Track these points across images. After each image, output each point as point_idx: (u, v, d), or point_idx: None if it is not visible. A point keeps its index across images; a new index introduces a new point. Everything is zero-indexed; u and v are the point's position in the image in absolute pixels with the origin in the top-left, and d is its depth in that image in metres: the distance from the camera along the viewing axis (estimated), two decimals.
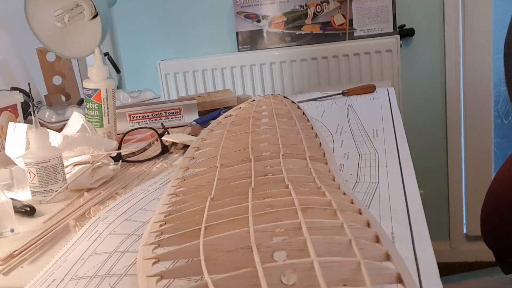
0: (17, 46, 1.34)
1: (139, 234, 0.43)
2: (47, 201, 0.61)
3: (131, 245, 0.41)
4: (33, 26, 0.99)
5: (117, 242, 0.42)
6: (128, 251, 0.40)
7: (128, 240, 0.42)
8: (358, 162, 0.62)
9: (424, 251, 0.35)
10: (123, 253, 0.40)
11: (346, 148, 0.67)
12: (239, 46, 1.75)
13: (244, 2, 1.71)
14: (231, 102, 1.14)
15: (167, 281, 0.35)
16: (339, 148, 0.67)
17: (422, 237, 0.38)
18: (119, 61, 1.90)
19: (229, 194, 0.42)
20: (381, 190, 0.51)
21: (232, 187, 0.44)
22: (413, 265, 0.34)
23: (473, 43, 1.63)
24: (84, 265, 0.39)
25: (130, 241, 0.42)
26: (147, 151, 0.80)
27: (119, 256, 0.39)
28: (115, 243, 0.42)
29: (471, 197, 1.77)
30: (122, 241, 0.42)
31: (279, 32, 1.72)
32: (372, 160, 0.62)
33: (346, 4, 1.65)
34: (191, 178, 0.52)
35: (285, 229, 0.33)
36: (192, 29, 1.83)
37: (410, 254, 0.36)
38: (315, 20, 1.69)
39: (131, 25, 1.86)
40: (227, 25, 1.80)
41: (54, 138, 0.69)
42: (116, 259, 0.39)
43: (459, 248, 1.81)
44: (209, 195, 0.42)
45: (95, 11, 0.98)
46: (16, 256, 0.46)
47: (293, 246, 0.30)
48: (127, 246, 0.41)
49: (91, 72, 0.83)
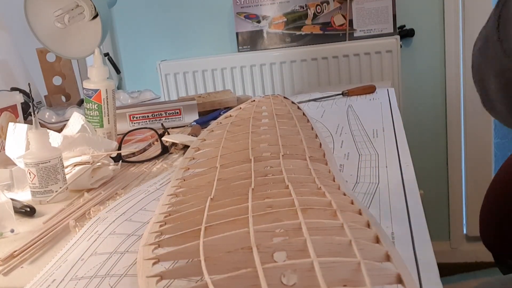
0: (17, 46, 1.34)
1: (139, 234, 0.43)
2: (47, 202, 0.61)
3: (131, 246, 0.41)
4: (33, 26, 0.99)
5: (117, 242, 0.42)
6: (128, 251, 0.40)
7: (128, 240, 0.42)
8: (358, 163, 0.62)
9: (424, 251, 0.35)
10: (123, 253, 0.40)
11: (346, 149, 0.67)
12: (239, 46, 1.75)
13: (244, 3, 1.71)
14: (231, 103, 1.14)
15: (167, 282, 0.35)
16: (339, 148, 0.67)
17: (422, 238, 0.38)
18: (119, 62, 1.90)
19: (229, 194, 0.42)
20: (381, 191, 0.51)
21: (232, 188, 0.44)
22: (413, 265, 0.34)
23: (473, 43, 1.63)
24: (84, 266, 0.39)
25: (130, 242, 0.42)
26: (147, 152, 0.80)
27: (119, 257, 0.39)
28: (115, 243, 0.42)
29: (471, 197, 1.77)
30: (122, 241, 0.42)
31: (279, 32, 1.72)
32: (372, 161, 0.62)
33: (346, 4, 1.65)
34: (191, 178, 0.52)
35: (285, 230, 0.33)
36: (192, 29, 1.83)
37: (410, 254, 0.36)
38: (315, 21, 1.69)
39: (131, 25, 1.86)
40: (227, 26, 1.80)
41: (54, 138, 0.69)
42: (116, 259, 0.39)
43: (459, 248, 1.81)
44: (209, 196, 0.42)
45: (95, 11, 0.98)
46: (16, 256, 0.46)
47: (293, 246, 0.30)
48: (127, 247, 0.41)
49: (91, 72, 0.83)
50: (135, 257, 0.39)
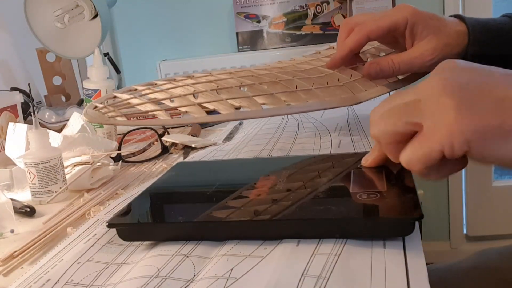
0: (17, 46, 1.34)
1: (136, 244, 0.43)
2: (47, 202, 0.61)
3: (129, 257, 0.41)
4: (33, 26, 0.99)
5: (114, 253, 0.42)
6: (125, 263, 0.40)
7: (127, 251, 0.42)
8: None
9: (415, 256, 0.35)
10: (120, 265, 0.39)
11: (344, 148, 0.67)
12: (239, 46, 1.75)
13: (244, 3, 1.71)
14: None
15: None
16: (336, 148, 0.67)
17: (413, 241, 0.37)
18: (119, 62, 1.90)
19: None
20: None
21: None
22: (403, 269, 0.33)
23: None
24: (80, 271, 0.39)
25: (128, 252, 0.42)
26: (147, 152, 0.80)
27: (116, 268, 0.39)
28: (112, 253, 0.42)
29: (471, 197, 1.77)
30: (120, 252, 0.42)
31: (279, 32, 1.72)
32: None
33: (346, 4, 1.65)
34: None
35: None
36: (192, 29, 1.83)
37: (401, 258, 0.35)
38: (315, 21, 1.69)
39: (131, 25, 1.86)
40: (227, 26, 1.80)
41: (54, 138, 0.69)
42: (113, 271, 0.39)
43: (459, 248, 1.81)
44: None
45: (95, 11, 0.98)
46: (16, 256, 0.46)
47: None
48: (124, 259, 0.41)
49: (91, 72, 0.83)
50: (131, 268, 0.38)
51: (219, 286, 0.33)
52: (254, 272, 0.34)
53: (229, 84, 0.60)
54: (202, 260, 0.37)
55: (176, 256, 0.38)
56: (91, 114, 0.57)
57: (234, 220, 0.40)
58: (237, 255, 0.37)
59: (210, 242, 0.40)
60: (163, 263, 0.37)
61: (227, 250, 0.38)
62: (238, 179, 0.53)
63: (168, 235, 0.41)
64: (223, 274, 0.34)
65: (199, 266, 0.37)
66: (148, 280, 0.35)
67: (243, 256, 0.36)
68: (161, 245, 0.41)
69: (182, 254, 0.38)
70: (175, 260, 0.38)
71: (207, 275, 0.35)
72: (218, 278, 0.34)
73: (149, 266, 0.37)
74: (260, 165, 0.60)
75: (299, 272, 0.33)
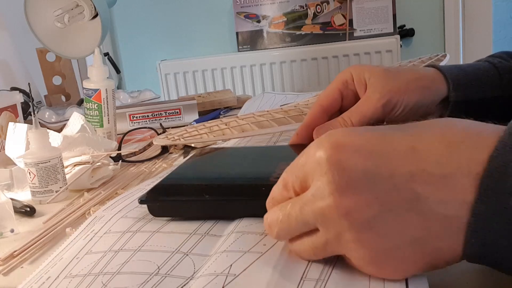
0: (17, 46, 1.35)
1: (134, 230, 0.43)
2: (47, 202, 0.61)
3: (125, 244, 0.41)
4: (33, 26, 0.99)
5: (112, 241, 0.42)
6: (122, 249, 0.40)
7: (123, 238, 0.42)
8: None
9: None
10: (117, 252, 0.40)
11: None
12: (239, 46, 1.75)
13: (244, 2, 1.71)
14: (231, 102, 1.14)
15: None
16: None
17: None
18: (119, 61, 1.90)
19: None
20: None
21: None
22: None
23: (473, 43, 1.63)
24: (79, 264, 0.39)
25: (124, 239, 0.42)
26: (147, 151, 0.80)
27: (113, 255, 0.39)
28: (110, 242, 0.42)
29: None
30: (117, 239, 0.42)
31: (279, 32, 1.72)
32: None
33: (346, 4, 1.65)
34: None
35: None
36: (192, 29, 1.83)
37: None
38: (315, 20, 1.69)
39: (131, 25, 1.86)
40: (227, 25, 1.80)
41: (54, 138, 0.69)
42: (110, 257, 0.39)
43: None
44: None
45: (95, 11, 0.98)
46: (16, 256, 0.46)
47: None
48: (121, 245, 0.41)
49: (91, 72, 0.83)
50: (129, 255, 0.39)
51: (218, 283, 0.33)
52: (253, 268, 0.34)
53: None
54: (202, 257, 0.38)
55: (176, 253, 0.38)
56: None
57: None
58: (236, 251, 0.37)
59: (211, 238, 0.40)
60: (163, 261, 0.37)
61: (227, 247, 0.38)
62: (261, 166, 0.53)
63: (197, 212, 0.44)
64: (222, 271, 0.34)
65: (199, 263, 0.37)
66: (148, 278, 0.35)
67: (242, 252, 0.37)
68: (159, 239, 0.41)
69: (182, 252, 0.39)
70: (175, 258, 0.38)
71: (206, 272, 0.35)
72: (218, 275, 0.34)
73: (149, 262, 0.37)
74: (279, 152, 0.61)
75: (298, 277, 0.33)
